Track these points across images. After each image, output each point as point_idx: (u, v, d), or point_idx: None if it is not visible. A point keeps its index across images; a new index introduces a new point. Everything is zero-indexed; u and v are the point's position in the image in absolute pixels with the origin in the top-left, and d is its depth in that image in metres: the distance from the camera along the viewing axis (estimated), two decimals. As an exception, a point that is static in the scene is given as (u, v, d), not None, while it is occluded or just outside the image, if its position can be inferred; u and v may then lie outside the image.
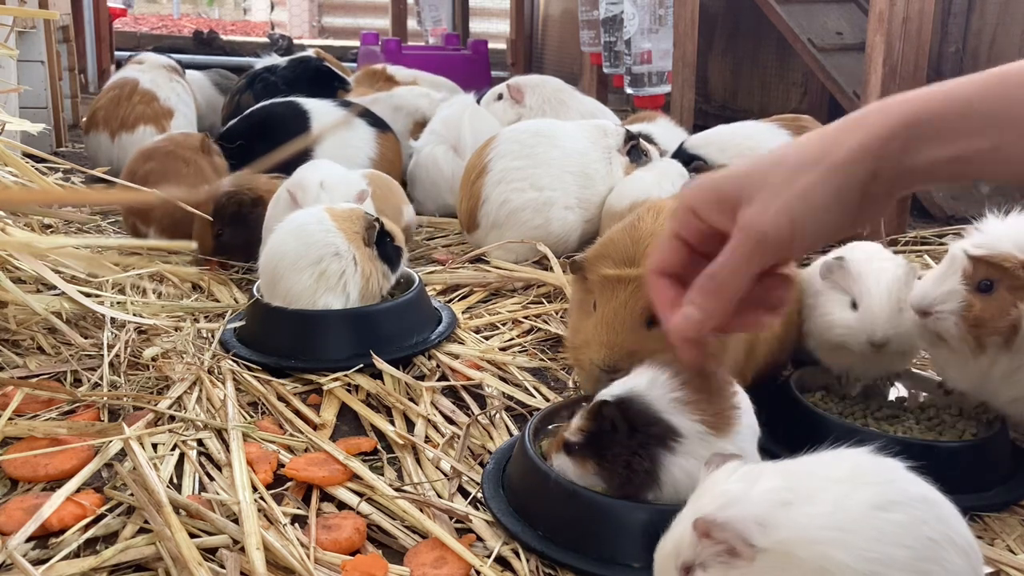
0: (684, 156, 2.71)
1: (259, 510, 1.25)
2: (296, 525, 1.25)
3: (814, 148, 0.97)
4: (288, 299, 1.80)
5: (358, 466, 1.38)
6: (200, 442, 1.46)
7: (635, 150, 2.62)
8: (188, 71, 4.26)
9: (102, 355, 1.73)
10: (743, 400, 1.21)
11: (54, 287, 1.76)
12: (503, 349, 1.89)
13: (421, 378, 1.73)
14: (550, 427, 1.40)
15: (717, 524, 0.85)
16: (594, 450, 1.18)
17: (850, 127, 0.97)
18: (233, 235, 2.32)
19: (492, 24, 9.67)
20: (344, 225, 1.85)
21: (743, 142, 2.70)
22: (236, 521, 1.22)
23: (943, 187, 3.01)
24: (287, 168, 2.27)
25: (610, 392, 1.19)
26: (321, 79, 3.88)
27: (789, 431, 1.45)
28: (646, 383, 1.18)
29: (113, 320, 1.87)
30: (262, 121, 3.06)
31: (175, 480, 1.36)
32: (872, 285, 1.51)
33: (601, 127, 2.69)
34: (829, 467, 0.90)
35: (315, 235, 1.82)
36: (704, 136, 2.80)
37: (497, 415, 1.60)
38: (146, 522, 1.22)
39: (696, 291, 1.02)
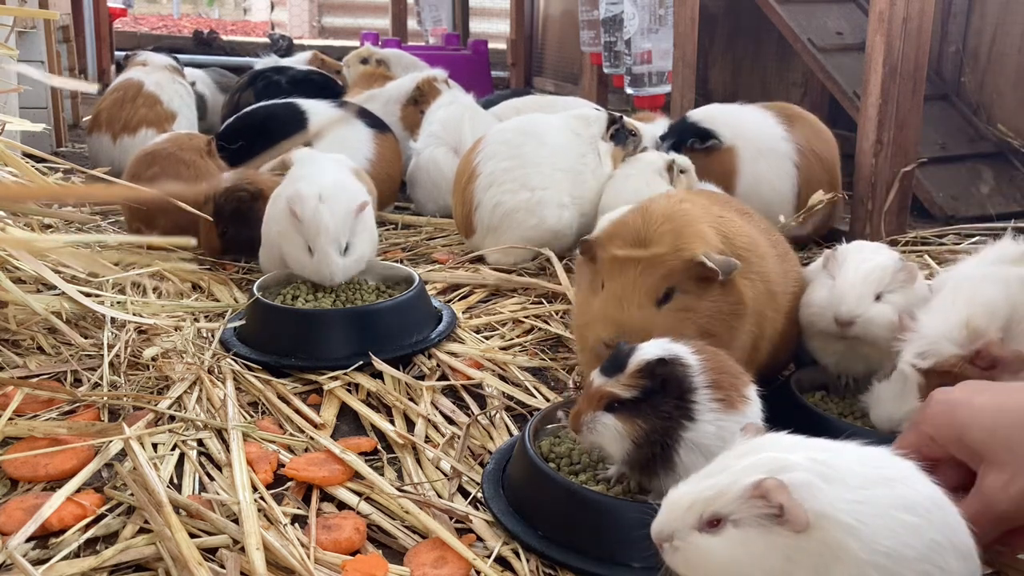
0: (693, 130, 2.69)
1: (259, 510, 1.24)
2: (296, 525, 1.25)
3: None
4: None
5: (359, 464, 1.38)
6: (200, 442, 1.46)
7: (620, 133, 2.60)
8: (190, 69, 4.26)
9: (102, 355, 1.73)
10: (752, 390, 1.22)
11: (54, 287, 1.76)
12: (503, 349, 1.89)
13: (421, 377, 1.73)
14: (550, 427, 1.40)
15: (783, 488, 0.84)
16: (643, 410, 1.14)
17: None
18: (237, 232, 2.33)
19: (492, 24, 9.65)
20: None
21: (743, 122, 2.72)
22: (236, 521, 1.22)
23: (943, 187, 3.01)
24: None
25: (649, 352, 1.16)
26: (323, 92, 3.88)
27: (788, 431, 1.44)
28: (683, 350, 1.17)
29: (113, 320, 1.87)
30: (261, 120, 3.06)
31: (175, 480, 1.36)
32: (850, 268, 1.55)
33: (583, 116, 2.66)
34: (858, 458, 0.91)
35: None
36: (708, 112, 2.79)
37: (497, 415, 1.60)
38: (146, 522, 1.22)
39: None
